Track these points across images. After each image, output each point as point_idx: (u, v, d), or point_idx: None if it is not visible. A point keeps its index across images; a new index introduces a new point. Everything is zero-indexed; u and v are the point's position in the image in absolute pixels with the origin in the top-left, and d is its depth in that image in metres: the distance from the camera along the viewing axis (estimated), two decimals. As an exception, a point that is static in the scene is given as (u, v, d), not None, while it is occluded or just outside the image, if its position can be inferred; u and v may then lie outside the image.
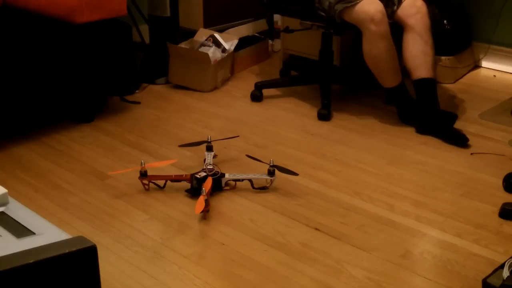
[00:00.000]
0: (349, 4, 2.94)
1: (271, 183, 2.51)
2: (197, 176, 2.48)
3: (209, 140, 2.71)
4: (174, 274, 2.04)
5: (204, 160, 2.63)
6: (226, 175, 2.51)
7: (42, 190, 2.56)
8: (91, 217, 2.37)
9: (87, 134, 3.05)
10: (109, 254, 2.13)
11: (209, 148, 2.69)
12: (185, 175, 2.53)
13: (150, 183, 2.53)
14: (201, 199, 2.28)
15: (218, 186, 2.50)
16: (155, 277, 2.02)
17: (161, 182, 2.54)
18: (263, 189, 2.51)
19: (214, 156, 2.67)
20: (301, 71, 3.71)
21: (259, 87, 3.42)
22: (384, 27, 2.93)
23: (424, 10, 3.02)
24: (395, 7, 3.03)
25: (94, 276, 1.14)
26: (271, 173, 2.49)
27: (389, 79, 3.04)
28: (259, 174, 2.54)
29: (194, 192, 2.46)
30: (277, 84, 3.58)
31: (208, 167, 2.52)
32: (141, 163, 2.51)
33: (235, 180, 2.53)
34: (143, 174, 2.50)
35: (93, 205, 2.45)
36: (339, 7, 2.97)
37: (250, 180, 2.51)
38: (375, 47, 2.95)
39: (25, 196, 2.48)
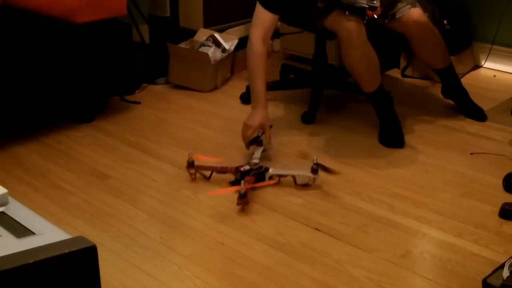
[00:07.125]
0: (327, 14, 2.85)
1: (314, 181, 2.52)
2: (241, 169, 2.52)
3: (259, 135, 2.73)
4: (174, 274, 2.04)
5: (253, 154, 2.65)
6: (270, 170, 2.54)
7: (42, 190, 2.56)
8: (91, 217, 2.37)
9: (87, 134, 3.05)
10: (109, 254, 2.13)
11: (259, 143, 2.72)
12: (231, 167, 2.57)
13: (197, 174, 2.59)
14: (232, 188, 2.42)
15: (262, 180, 2.53)
16: (155, 277, 2.02)
17: (207, 173, 2.59)
18: (306, 186, 2.52)
19: (263, 151, 2.70)
20: (296, 74, 3.66)
21: None
22: (359, 38, 2.80)
23: (422, 21, 2.97)
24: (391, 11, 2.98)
25: (94, 276, 1.14)
26: (314, 171, 2.50)
27: (366, 84, 2.92)
28: (303, 170, 2.54)
29: (236, 184, 2.49)
30: (270, 87, 3.51)
31: (254, 161, 2.56)
32: (189, 153, 2.56)
33: (279, 176, 2.55)
34: (191, 164, 2.56)
35: (93, 205, 2.45)
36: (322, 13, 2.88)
37: (293, 176, 2.53)
38: (349, 55, 2.85)
39: (25, 196, 2.48)
